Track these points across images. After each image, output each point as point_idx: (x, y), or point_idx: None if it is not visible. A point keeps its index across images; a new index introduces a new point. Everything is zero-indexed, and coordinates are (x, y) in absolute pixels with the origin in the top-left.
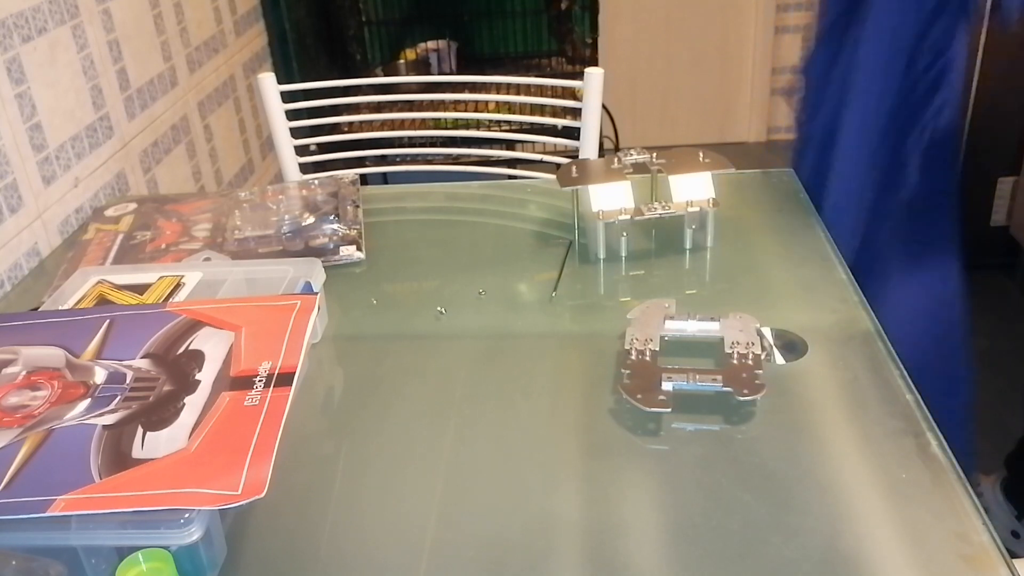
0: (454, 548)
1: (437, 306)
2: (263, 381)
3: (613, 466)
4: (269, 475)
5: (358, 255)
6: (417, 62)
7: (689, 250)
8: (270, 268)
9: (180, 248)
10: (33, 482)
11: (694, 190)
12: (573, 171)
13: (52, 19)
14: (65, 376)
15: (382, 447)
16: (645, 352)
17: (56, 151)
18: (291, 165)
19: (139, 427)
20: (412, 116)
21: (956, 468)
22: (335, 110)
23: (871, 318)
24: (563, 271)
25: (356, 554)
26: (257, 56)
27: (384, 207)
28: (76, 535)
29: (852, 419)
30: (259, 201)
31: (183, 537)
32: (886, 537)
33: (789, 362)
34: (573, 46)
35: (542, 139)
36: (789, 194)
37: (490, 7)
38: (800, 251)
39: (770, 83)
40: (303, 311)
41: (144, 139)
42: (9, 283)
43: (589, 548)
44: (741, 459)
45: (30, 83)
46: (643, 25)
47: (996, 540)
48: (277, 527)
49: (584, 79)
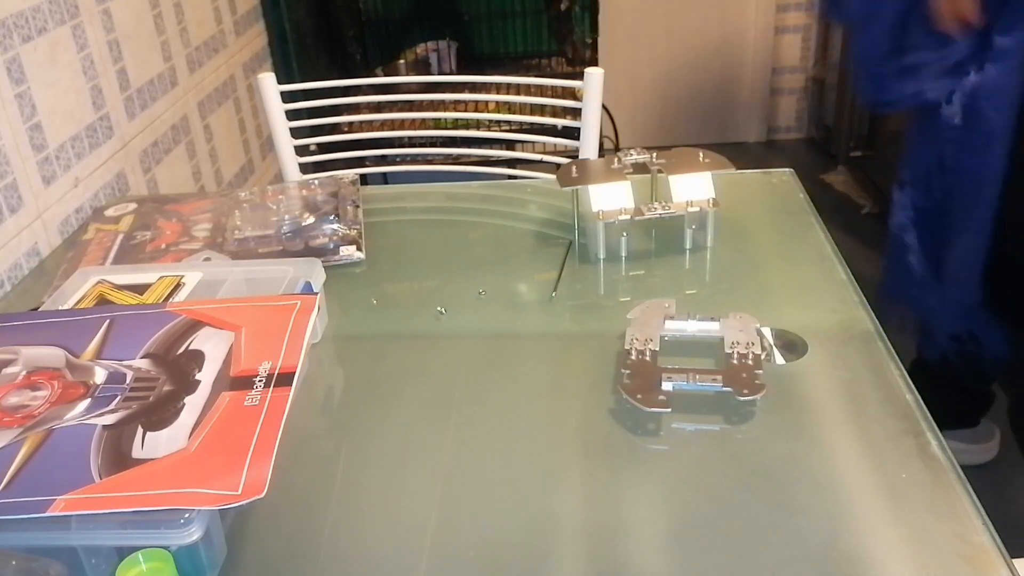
0: (454, 548)
1: (437, 306)
2: (263, 381)
3: (613, 466)
4: (269, 475)
5: (358, 255)
6: (417, 62)
7: (689, 250)
8: (270, 268)
9: (180, 248)
10: (33, 482)
11: (694, 190)
12: (573, 171)
13: (52, 19)
14: (65, 376)
15: (382, 447)
16: (645, 352)
17: (56, 151)
18: (291, 165)
19: (139, 427)
20: (412, 116)
21: (956, 468)
22: (335, 110)
23: (871, 318)
24: (563, 271)
25: (356, 554)
26: (257, 56)
27: (384, 207)
28: (76, 535)
29: (852, 419)
30: (259, 201)
31: (183, 537)
32: (886, 537)
33: (789, 362)
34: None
35: (542, 139)
36: (789, 194)
37: (490, 7)
38: (800, 251)
39: (770, 83)
40: (303, 311)
41: (144, 139)
42: (9, 283)
43: (589, 548)
44: (741, 459)
45: (30, 83)
46: (643, 25)
47: (996, 540)
48: (277, 527)
49: (584, 79)
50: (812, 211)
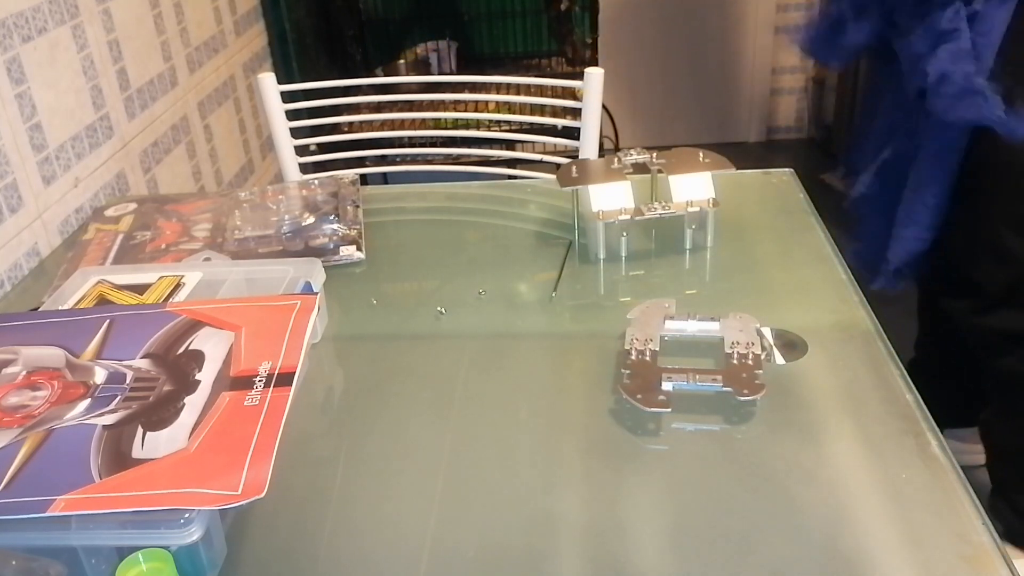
0: (454, 548)
1: (437, 306)
2: (263, 381)
3: (613, 466)
4: (269, 475)
5: (358, 255)
6: (417, 62)
7: (689, 250)
8: (270, 268)
9: (180, 248)
10: (33, 482)
11: (694, 190)
12: (573, 171)
13: (52, 19)
14: (65, 376)
15: (382, 447)
16: (645, 352)
17: (56, 151)
18: (291, 165)
19: (139, 427)
20: (412, 116)
21: (956, 468)
22: (335, 110)
23: (871, 318)
24: (563, 271)
25: (356, 554)
26: (257, 56)
27: (384, 207)
28: (76, 535)
29: (852, 419)
30: (259, 201)
31: (183, 537)
32: (886, 537)
33: (789, 362)
34: (573, 46)
35: (542, 139)
36: (789, 194)
37: (490, 7)
38: (800, 251)
39: (770, 83)
40: (303, 311)
41: (144, 139)
42: (9, 283)
43: (589, 548)
44: (741, 459)
45: (30, 83)
46: (643, 25)
47: (996, 540)
48: (277, 527)
49: (584, 79)
50: (812, 211)
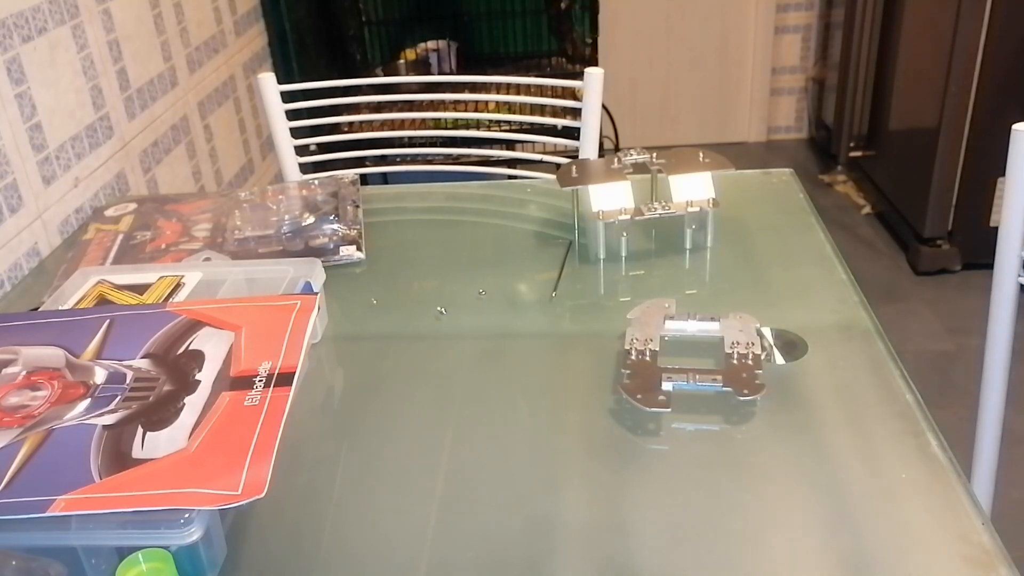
0: (454, 548)
1: (437, 306)
2: (263, 381)
3: (613, 466)
4: (269, 475)
5: (358, 255)
6: (417, 62)
7: (689, 250)
8: (270, 268)
9: (180, 248)
10: (33, 482)
11: (694, 190)
12: (573, 171)
13: (52, 19)
14: (65, 376)
15: (382, 447)
16: (645, 352)
17: (56, 151)
18: (291, 165)
19: (139, 427)
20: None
21: (956, 468)
22: (335, 110)
23: (871, 318)
24: (563, 271)
25: (356, 554)
26: (257, 56)
27: (384, 207)
28: (76, 535)
29: (852, 419)
30: (259, 201)
31: (183, 537)
32: (886, 537)
33: (789, 362)
34: (573, 46)
35: (542, 139)
36: (789, 194)
37: (490, 7)
38: (800, 251)
39: (770, 83)
40: (303, 311)
41: (144, 139)
42: (9, 283)
43: (589, 548)
44: (741, 459)
45: (30, 83)
46: (643, 25)
47: (996, 540)
48: (277, 527)
49: (584, 79)
50: (812, 211)
